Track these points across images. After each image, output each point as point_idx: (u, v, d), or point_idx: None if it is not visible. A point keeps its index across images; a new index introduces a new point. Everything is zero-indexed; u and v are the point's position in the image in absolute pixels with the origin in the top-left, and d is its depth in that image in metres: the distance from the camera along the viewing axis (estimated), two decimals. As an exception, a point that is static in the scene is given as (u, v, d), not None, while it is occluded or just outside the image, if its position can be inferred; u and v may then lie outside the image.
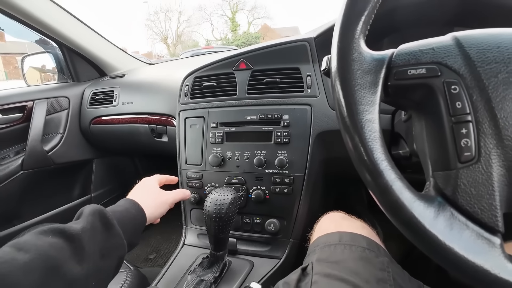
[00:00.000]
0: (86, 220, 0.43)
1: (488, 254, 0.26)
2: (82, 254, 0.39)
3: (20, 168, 1.12)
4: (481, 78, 0.29)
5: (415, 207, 0.27)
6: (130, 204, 0.54)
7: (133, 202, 0.55)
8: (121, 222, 0.48)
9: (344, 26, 0.33)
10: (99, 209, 0.46)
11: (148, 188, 0.63)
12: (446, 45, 0.31)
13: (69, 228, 0.40)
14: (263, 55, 0.80)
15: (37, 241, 0.37)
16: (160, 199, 0.61)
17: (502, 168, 0.28)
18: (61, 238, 0.39)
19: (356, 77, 0.31)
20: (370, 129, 0.29)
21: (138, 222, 0.53)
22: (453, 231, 0.27)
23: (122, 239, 0.46)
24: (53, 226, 0.40)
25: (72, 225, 0.41)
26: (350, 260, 0.48)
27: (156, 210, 0.59)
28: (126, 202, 0.55)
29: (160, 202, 0.60)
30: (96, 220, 0.44)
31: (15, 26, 1.09)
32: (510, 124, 0.27)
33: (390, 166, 0.29)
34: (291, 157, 0.74)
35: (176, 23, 31.28)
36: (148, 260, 1.39)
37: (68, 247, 0.38)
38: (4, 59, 16.11)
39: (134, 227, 0.51)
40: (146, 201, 0.57)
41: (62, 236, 0.39)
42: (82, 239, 0.40)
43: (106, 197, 1.46)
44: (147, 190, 0.62)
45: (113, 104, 1.19)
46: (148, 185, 0.64)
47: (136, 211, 0.54)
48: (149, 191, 0.62)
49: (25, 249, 0.35)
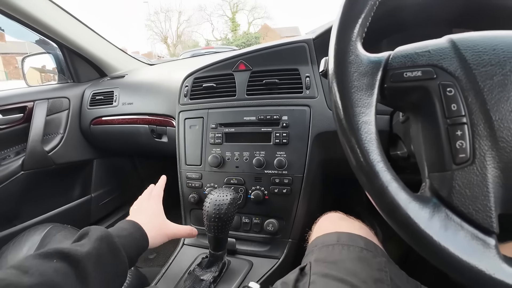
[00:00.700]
0: (93, 245, 0.42)
1: (483, 254, 0.26)
2: (86, 281, 0.38)
3: (20, 168, 1.12)
4: (477, 80, 0.29)
5: (411, 208, 0.28)
6: (135, 228, 0.54)
7: (137, 226, 0.55)
8: (126, 248, 0.48)
9: (341, 28, 0.33)
10: (106, 235, 0.45)
11: (155, 213, 0.63)
12: (442, 47, 0.31)
13: (74, 252, 0.39)
14: (262, 56, 0.81)
15: (41, 265, 0.37)
16: (165, 231, 0.61)
17: (496, 170, 0.28)
18: (65, 263, 0.38)
19: (352, 79, 0.31)
20: (367, 131, 0.30)
21: (141, 247, 0.53)
22: (448, 231, 0.27)
23: (126, 266, 0.46)
24: (58, 249, 0.39)
25: (78, 249, 0.40)
26: (348, 260, 0.48)
27: (157, 239, 0.58)
28: (131, 225, 0.54)
29: (163, 233, 0.60)
30: (103, 247, 0.43)
31: (14, 26, 1.08)
32: (505, 126, 0.28)
33: (386, 167, 0.29)
34: (290, 158, 0.74)
35: (176, 23, 31.36)
36: (148, 260, 1.39)
37: (73, 272, 0.38)
38: (4, 59, 16.11)
39: (137, 252, 0.52)
40: (151, 229, 0.56)
41: (66, 260, 0.38)
42: (87, 266, 0.39)
43: (106, 197, 1.46)
44: (153, 215, 0.62)
45: (113, 104, 1.19)
46: (155, 210, 0.64)
47: (140, 236, 0.54)
48: (156, 219, 0.61)
49: (30, 272, 0.35)
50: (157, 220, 0.61)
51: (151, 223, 0.58)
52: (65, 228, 0.82)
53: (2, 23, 1.17)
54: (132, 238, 0.51)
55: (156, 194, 0.68)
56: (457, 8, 0.64)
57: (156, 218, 0.61)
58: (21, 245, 0.78)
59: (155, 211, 0.63)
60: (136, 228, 0.54)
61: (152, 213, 0.62)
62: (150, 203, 0.65)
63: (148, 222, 0.57)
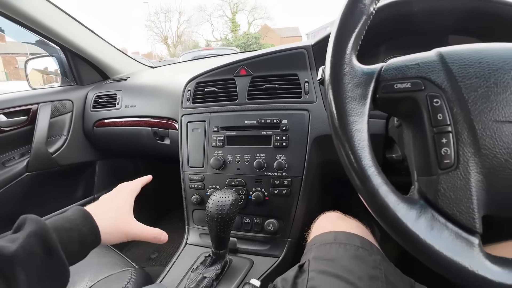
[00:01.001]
0: (24, 242, 0.36)
1: (466, 252, 0.29)
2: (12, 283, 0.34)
3: (25, 170, 1.14)
4: (462, 92, 0.31)
5: (399, 209, 0.30)
6: (83, 220, 0.45)
7: (88, 218, 0.45)
8: (66, 244, 0.40)
9: (337, 41, 0.35)
10: (42, 231, 0.38)
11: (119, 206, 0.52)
12: (430, 60, 0.33)
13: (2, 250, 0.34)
14: (262, 61, 0.83)
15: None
16: (125, 229, 0.50)
17: (479, 175, 0.30)
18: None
19: (347, 90, 0.34)
20: (359, 138, 0.32)
21: (89, 242, 0.44)
22: (434, 231, 0.29)
23: (65, 264, 0.39)
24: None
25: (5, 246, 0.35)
26: (345, 258, 0.50)
27: (112, 236, 0.48)
28: (79, 216, 0.45)
29: (122, 231, 0.50)
30: (36, 244, 0.37)
31: (13, 27, 1.09)
32: (487, 134, 0.30)
33: (377, 172, 0.31)
34: (290, 160, 0.77)
35: (176, 23, 31.39)
36: (150, 260, 1.41)
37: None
38: (5, 60, 16.08)
39: (82, 249, 0.43)
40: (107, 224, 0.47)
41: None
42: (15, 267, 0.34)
43: (108, 198, 1.47)
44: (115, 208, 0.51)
45: (116, 107, 1.22)
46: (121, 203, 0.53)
47: (89, 230, 0.44)
48: (118, 214, 0.51)
49: None
50: (118, 214, 0.50)
51: (109, 216, 0.48)
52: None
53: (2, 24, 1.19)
54: (77, 232, 0.43)
55: (131, 188, 0.57)
56: (456, 17, 0.65)
57: (117, 213, 0.51)
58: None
59: (120, 205, 0.52)
60: (84, 220, 0.45)
61: (116, 206, 0.52)
62: (118, 194, 0.55)
63: (104, 215, 0.48)
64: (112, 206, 0.51)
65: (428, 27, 0.70)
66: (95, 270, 0.72)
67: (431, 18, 0.68)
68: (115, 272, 0.73)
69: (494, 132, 0.30)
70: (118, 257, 0.79)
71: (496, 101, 0.30)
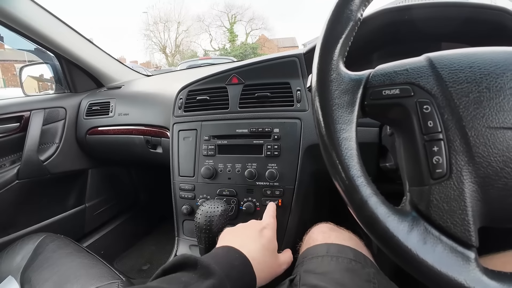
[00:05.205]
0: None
1: (462, 267, 0.27)
2: None
3: (15, 177, 1.12)
4: (453, 97, 0.30)
5: (390, 221, 0.28)
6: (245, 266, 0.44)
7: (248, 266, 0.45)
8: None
9: (324, 48, 0.34)
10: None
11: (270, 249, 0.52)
12: (419, 66, 0.32)
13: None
14: (254, 70, 0.82)
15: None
16: (277, 270, 0.52)
17: (474, 184, 0.28)
18: None
19: (334, 97, 0.32)
20: (347, 147, 0.31)
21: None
22: (427, 245, 0.28)
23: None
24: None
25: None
26: (337, 271, 0.48)
27: (264, 281, 0.49)
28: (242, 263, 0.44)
29: (274, 273, 0.51)
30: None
31: (11, 35, 1.10)
32: (480, 142, 0.28)
33: (366, 182, 0.30)
34: (281, 170, 0.75)
35: (175, 33, 31.70)
36: (142, 271, 1.38)
37: None
38: (3, 66, 16.16)
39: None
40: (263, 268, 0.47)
41: None
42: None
43: (100, 207, 1.46)
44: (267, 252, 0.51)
45: (109, 115, 1.20)
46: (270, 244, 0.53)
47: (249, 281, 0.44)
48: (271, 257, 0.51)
49: None
50: (272, 258, 0.51)
51: (264, 261, 0.48)
52: (58, 238, 0.82)
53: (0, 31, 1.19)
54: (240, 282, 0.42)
55: (272, 224, 0.58)
56: (446, 25, 0.65)
57: (270, 256, 0.51)
58: (15, 254, 0.78)
59: (271, 246, 0.52)
60: (246, 267, 0.44)
61: (267, 249, 0.51)
62: (263, 233, 0.54)
63: (260, 260, 0.47)
64: (265, 250, 0.51)
65: (422, 35, 0.70)
66: (82, 281, 0.70)
67: (425, 25, 0.67)
68: (101, 285, 0.70)
69: (488, 139, 0.28)
70: (105, 269, 0.76)
71: (488, 107, 0.29)
